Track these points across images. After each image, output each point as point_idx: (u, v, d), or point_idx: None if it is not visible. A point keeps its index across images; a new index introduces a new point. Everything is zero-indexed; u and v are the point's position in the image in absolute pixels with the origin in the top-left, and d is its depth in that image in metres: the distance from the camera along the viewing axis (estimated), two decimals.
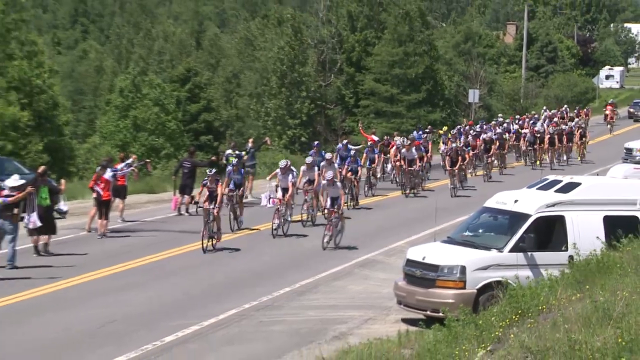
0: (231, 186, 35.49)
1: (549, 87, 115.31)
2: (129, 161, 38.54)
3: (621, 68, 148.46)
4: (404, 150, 46.53)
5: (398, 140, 50.38)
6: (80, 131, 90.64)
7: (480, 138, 55.43)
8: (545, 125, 64.41)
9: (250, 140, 49.78)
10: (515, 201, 25.45)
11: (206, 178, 32.80)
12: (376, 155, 48.22)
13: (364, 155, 46.79)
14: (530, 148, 58.32)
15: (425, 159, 48.82)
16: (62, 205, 34.79)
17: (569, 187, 25.80)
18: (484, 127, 61.71)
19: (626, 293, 15.82)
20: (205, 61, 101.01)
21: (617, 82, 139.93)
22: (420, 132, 58.26)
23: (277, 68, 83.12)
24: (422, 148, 48.91)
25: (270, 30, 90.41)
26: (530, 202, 25.29)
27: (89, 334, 23.05)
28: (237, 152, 43.17)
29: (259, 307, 25.94)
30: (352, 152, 44.99)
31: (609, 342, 13.56)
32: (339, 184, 33.08)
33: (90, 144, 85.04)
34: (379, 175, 48.93)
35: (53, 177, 39.92)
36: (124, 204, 37.90)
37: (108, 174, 35.31)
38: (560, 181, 26.62)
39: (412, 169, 46.04)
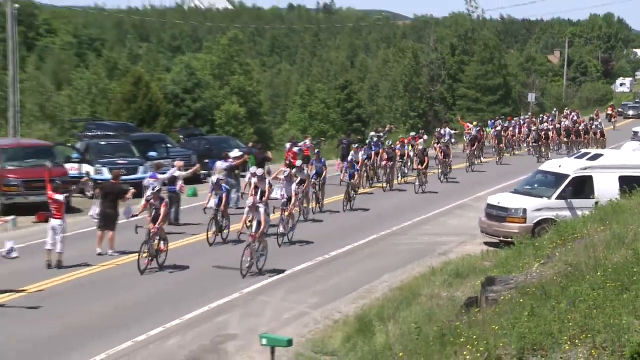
0: (215, 201, 23.82)
1: (582, 91, 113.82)
2: (307, 140, 38.61)
3: (630, 79, 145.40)
4: (352, 152, 32.64)
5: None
6: (276, 121, 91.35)
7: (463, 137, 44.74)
8: (551, 124, 52.95)
9: (388, 125, 49.25)
10: (560, 166, 25.61)
11: (150, 195, 21.35)
12: (372, 152, 34.91)
13: (362, 152, 34.27)
14: (535, 144, 46.70)
15: (395, 159, 35.24)
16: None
17: (596, 157, 25.78)
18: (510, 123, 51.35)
19: (634, 226, 15.51)
20: (357, 75, 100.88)
21: (628, 88, 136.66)
22: (492, 122, 51.47)
23: (403, 79, 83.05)
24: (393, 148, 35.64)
25: (397, 56, 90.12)
26: (570, 166, 25.19)
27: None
28: (379, 134, 42.68)
29: (391, 234, 25.97)
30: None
31: (623, 259, 13.31)
32: (262, 209, 20.61)
33: (282, 129, 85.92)
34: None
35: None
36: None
37: (295, 148, 35.59)
38: (590, 153, 26.76)
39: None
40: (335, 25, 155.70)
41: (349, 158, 31.25)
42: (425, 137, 41.57)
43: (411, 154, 37.08)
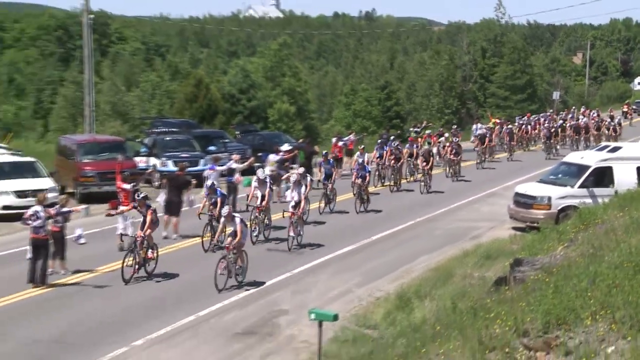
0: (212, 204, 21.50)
1: (602, 89, 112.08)
2: (351, 135, 38.42)
3: None
4: (358, 153, 30.45)
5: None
6: (323, 118, 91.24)
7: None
8: (571, 121, 49.35)
9: (424, 121, 48.98)
10: (582, 157, 25.33)
11: (136, 201, 18.97)
12: (384, 151, 32.00)
13: (374, 151, 32.59)
14: (547, 141, 41.88)
15: (402, 159, 31.88)
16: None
17: (615, 149, 25.43)
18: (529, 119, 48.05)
19: None
20: (395, 76, 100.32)
21: None
22: (519, 118, 48.99)
23: (439, 78, 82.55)
24: (400, 148, 32.36)
25: (432, 58, 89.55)
26: (591, 158, 24.88)
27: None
28: (416, 129, 42.29)
29: (428, 220, 25.86)
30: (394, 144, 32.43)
31: None
32: (237, 219, 17.54)
33: (329, 125, 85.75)
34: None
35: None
36: (350, 160, 36.98)
37: (340, 143, 35.40)
38: (609, 146, 26.43)
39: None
40: (375, 31, 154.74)
41: (360, 160, 28.21)
42: (446, 134, 39.95)
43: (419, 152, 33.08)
